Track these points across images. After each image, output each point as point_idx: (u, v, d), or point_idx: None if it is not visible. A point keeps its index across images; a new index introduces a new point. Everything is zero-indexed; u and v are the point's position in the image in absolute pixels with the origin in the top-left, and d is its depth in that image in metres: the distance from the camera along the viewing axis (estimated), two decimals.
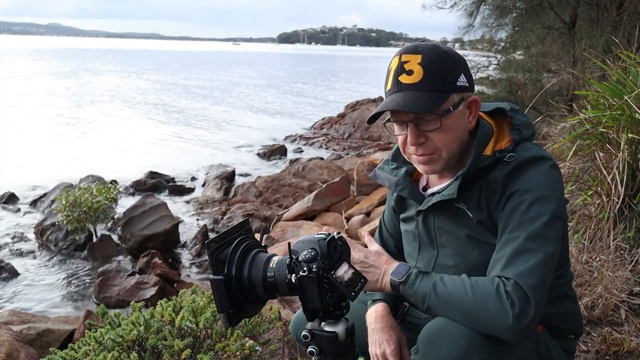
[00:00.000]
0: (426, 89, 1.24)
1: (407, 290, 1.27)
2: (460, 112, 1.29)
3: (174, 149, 14.58)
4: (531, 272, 1.15)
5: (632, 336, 2.20)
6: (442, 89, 1.25)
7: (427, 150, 1.29)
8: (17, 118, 18.32)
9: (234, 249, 1.12)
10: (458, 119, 1.29)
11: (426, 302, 1.23)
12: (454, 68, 1.27)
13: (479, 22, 10.50)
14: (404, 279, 1.27)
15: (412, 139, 1.28)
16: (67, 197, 7.14)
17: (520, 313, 1.12)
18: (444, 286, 1.21)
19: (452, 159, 1.32)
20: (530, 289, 1.14)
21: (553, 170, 1.26)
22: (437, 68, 1.25)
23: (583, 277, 2.54)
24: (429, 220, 1.41)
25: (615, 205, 2.72)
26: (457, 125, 1.29)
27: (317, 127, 17.89)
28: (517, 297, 1.13)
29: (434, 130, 1.26)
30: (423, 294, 1.23)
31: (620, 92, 2.92)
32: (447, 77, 1.26)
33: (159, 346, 1.82)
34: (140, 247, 7.00)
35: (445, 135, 1.27)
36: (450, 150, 1.30)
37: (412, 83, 1.25)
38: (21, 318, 4.65)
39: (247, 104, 25.50)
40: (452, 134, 1.28)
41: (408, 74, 1.25)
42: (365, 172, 8.19)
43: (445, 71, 1.26)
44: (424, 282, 1.24)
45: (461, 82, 1.28)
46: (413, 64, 1.25)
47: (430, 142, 1.28)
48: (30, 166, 11.78)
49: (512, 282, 1.15)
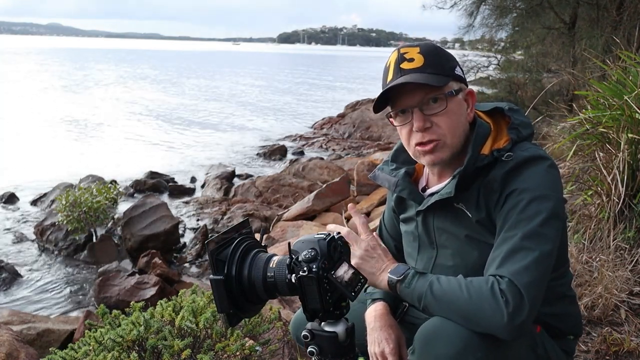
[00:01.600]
0: (429, 71, 1.27)
1: (404, 290, 1.28)
2: (460, 100, 1.32)
3: (174, 149, 14.59)
4: (526, 270, 1.15)
5: (632, 336, 2.20)
6: (444, 74, 1.29)
7: (433, 136, 1.29)
8: (17, 118, 18.33)
9: (234, 249, 1.12)
10: (460, 106, 1.32)
11: (423, 301, 1.23)
12: (450, 59, 1.33)
13: (479, 22, 10.51)
14: (401, 277, 1.28)
15: (418, 124, 1.28)
16: (67, 197, 7.14)
17: (515, 311, 1.12)
18: (439, 286, 1.21)
19: (456, 148, 1.32)
20: (524, 286, 1.14)
21: (551, 170, 1.26)
22: (435, 56, 1.30)
23: (583, 277, 2.54)
24: (428, 221, 1.41)
25: (615, 205, 2.72)
26: (460, 112, 1.31)
27: (317, 127, 17.89)
28: (511, 295, 1.13)
29: (440, 112, 1.28)
30: (420, 293, 1.24)
31: (620, 92, 2.92)
32: (445, 65, 1.30)
33: (159, 346, 1.82)
34: (140, 247, 7.00)
35: (450, 119, 1.29)
36: (455, 136, 1.30)
37: (414, 67, 1.28)
38: (21, 318, 4.65)
39: (247, 104, 25.51)
40: (456, 119, 1.30)
41: (409, 61, 1.29)
42: (365, 172, 8.20)
43: (443, 60, 1.31)
44: (420, 282, 1.25)
45: (458, 72, 1.33)
46: (413, 53, 1.30)
47: (435, 128, 1.29)
48: (30, 166, 11.78)
49: (507, 280, 1.15)
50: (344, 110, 19.56)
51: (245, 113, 22.29)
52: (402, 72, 1.28)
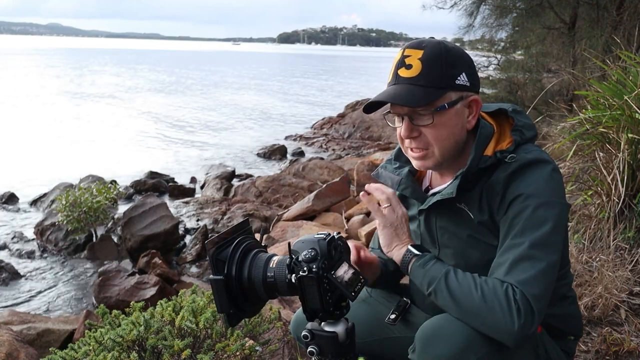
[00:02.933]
0: (421, 84, 1.25)
1: (417, 268, 1.27)
2: (457, 111, 1.28)
3: (174, 149, 14.59)
4: (535, 281, 1.15)
5: (632, 336, 2.20)
6: (438, 86, 1.26)
7: (420, 145, 1.31)
8: (17, 118, 18.33)
9: (234, 249, 1.12)
10: (454, 117, 1.29)
11: (433, 286, 1.23)
12: (455, 66, 1.28)
13: (479, 22, 10.48)
14: (420, 254, 1.29)
15: (404, 132, 1.30)
16: (67, 197, 7.14)
17: (526, 322, 1.12)
18: (455, 277, 1.21)
19: (446, 157, 1.32)
20: (533, 298, 1.14)
21: (555, 174, 1.25)
22: (435, 65, 1.26)
23: (583, 277, 2.54)
24: (430, 220, 1.41)
25: (615, 205, 2.72)
26: (452, 123, 1.29)
27: (317, 127, 17.89)
28: (523, 305, 1.13)
29: (427, 125, 1.27)
30: (432, 277, 1.24)
31: (620, 92, 2.91)
32: (444, 75, 1.26)
33: (159, 346, 1.82)
34: (140, 247, 6.99)
35: (437, 131, 1.28)
36: (442, 147, 1.30)
37: (408, 77, 1.27)
38: (21, 318, 4.65)
39: (247, 104, 25.50)
40: (446, 131, 1.28)
41: (407, 67, 1.27)
42: (365, 172, 8.20)
43: (444, 68, 1.26)
44: (436, 266, 1.25)
45: (461, 80, 1.27)
46: (413, 58, 1.27)
47: (423, 137, 1.30)
48: (30, 166, 11.79)
49: (520, 290, 1.14)
50: (344, 110, 19.56)
51: (245, 113, 22.29)
52: (397, 79, 1.29)
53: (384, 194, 1.32)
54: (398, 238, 1.33)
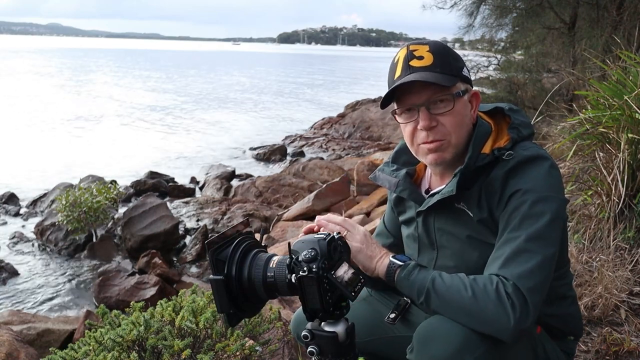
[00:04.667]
0: (438, 70, 1.27)
1: (402, 280, 1.27)
2: (466, 101, 1.32)
3: (174, 149, 14.59)
4: (530, 274, 1.15)
5: (632, 336, 2.20)
6: (451, 74, 1.28)
7: (438, 136, 1.29)
8: (17, 118, 18.33)
9: (234, 249, 1.12)
10: (465, 107, 1.31)
11: (423, 295, 1.23)
12: (458, 60, 1.32)
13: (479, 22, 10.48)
14: (403, 264, 1.28)
15: (424, 123, 1.28)
16: (67, 197, 7.14)
17: (521, 316, 1.12)
18: (442, 282, 1.21)
19: (460, 148, 1.32)
20: (528, 291, 1.14)
21: (553, 170, 1.26)
22: (445, 56, 1.29)
23: (583, 277, 2.54)
24: (428, 221, 1.41)
25: (615, 205, 2.72)
26: (465, 112, 1.31)
27: (317, 127, 17.89)
28: (516, 299, 1.13)
29: (446, 112, 1.27)
30: (420, 286, 1.23)
31: (620, 92, 2.91)
32: (453, 65, 1.30)
33: (159, 346, 1.82)
34: (140, 247, 7.00)
35: (455, 119, 1.29)
36: (459, 136, 1.30)
37: (424, 66, 1.27)
38: (21, 318, 4.65)
39: (247, 104, 25.50)
40: (461, 119, 1.30)
41: (419, 59, 1.28)
42: (365, 172, 8.20)
43: (452, 60, 1.30)
44: (421, 275, 1.25)
45: (465, 72, 1.32)
46: (422, 51, 1.29)
47: (440, 127, 1.29)
48: (30, 166, 11.79)
49: (512, 283, 1.14)
50: (344, 110, 19.56)
51: (245, 113, 22.30)
52: (411, 69, 1.28)
53: (335, 224, 1.31)
54: (373, 256, 1.32)
